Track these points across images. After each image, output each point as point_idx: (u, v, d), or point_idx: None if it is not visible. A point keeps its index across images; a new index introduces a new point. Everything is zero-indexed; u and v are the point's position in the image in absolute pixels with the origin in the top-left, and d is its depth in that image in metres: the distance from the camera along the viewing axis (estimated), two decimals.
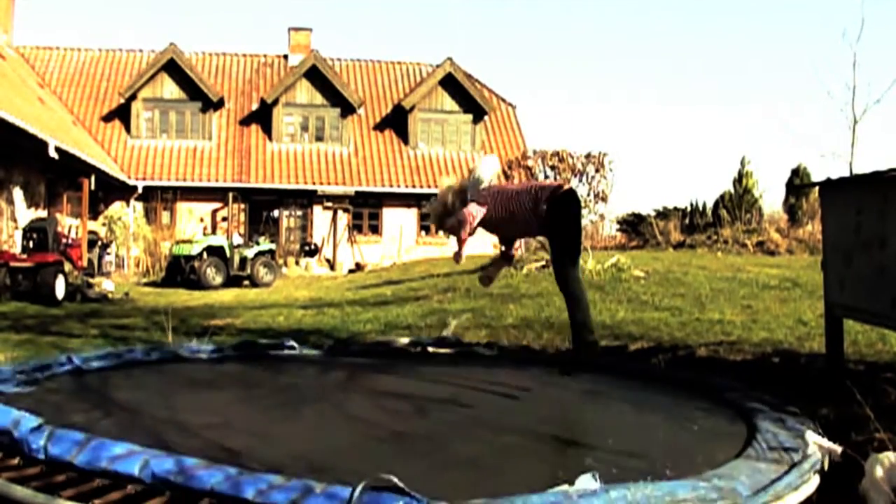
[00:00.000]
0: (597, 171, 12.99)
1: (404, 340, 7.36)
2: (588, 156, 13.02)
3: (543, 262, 13.65)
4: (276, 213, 27.99)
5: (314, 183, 27.92)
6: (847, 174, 9.17)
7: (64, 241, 15.19)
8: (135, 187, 26.48)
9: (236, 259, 20.33)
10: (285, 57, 32.19)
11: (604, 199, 13.26)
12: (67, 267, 14.26)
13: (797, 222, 23.67)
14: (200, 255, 19.80)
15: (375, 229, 28.93)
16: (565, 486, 3.16)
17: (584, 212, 13.58)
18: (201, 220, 27.27)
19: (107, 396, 5.09)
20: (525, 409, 5.19)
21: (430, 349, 7.18)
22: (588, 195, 13.14)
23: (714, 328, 8.58)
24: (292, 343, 7.11)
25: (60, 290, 13.67)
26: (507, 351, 7.44)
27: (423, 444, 4.26)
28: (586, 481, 3.21)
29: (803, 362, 6.86)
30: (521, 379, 6.02)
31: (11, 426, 3.54)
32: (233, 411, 4.89)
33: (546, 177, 12.98)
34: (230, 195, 26.22)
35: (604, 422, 4.97)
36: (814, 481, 3.74)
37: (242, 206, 27.19)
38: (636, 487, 3.23)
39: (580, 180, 13.02)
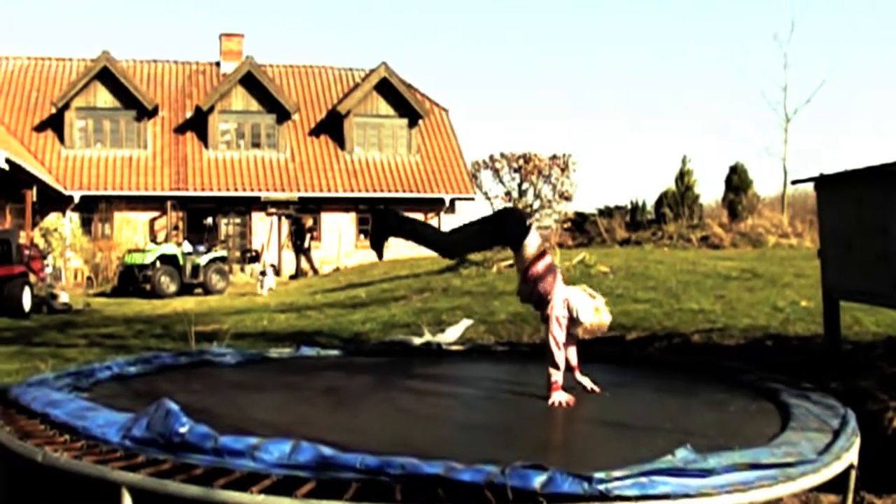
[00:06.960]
0: (562, 171, 13.49)
1: (418, 340, 7.62)
2: (553, 157, 13.51)
3: (510, 262, 14.04)
4: (210, 220, 27.57)
5: (252, 189, 27.89)
6: (781, 170, 9.81)
7: (27, 252, 14.98)
8: (70, 198, 26.06)
9: (188, 267, 20.26)
10: (217, 64, 31.99)
11: (568, 199, 13.78)
12: (32, 278, 14.08)
13: (737, 217, 24.62)
14: (154, 263, 19.68)
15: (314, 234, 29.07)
16: (670, 457, 3.51)
17: (548, 211, 14.10)
18: (152, 228, 27.01)
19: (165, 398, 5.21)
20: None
21: (444, 346, 7.48)
22: (553, 195, 13.64)
23: (697, 317, 9.06)
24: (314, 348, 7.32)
25: (27, 302, 13.53)
26: (518, 346, 7.79)
27: (504, 432, 4.51)
28: (685, 453, 3.56)
29: (795, 344, 7.41)
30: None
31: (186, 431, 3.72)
32: (302, 410, 4.95)
33: (512, 178, 13.42)
34: (168, 203, 26.05)
35: (647, 407, 5.26)
36: (857, 442, 4.24)
37: (180, 214, 26.97)
38: (726, 455, 3.62)
39: (545, 181, 13.52)
